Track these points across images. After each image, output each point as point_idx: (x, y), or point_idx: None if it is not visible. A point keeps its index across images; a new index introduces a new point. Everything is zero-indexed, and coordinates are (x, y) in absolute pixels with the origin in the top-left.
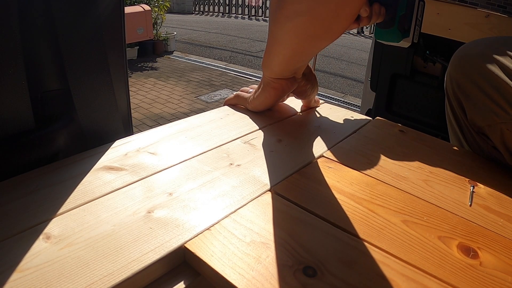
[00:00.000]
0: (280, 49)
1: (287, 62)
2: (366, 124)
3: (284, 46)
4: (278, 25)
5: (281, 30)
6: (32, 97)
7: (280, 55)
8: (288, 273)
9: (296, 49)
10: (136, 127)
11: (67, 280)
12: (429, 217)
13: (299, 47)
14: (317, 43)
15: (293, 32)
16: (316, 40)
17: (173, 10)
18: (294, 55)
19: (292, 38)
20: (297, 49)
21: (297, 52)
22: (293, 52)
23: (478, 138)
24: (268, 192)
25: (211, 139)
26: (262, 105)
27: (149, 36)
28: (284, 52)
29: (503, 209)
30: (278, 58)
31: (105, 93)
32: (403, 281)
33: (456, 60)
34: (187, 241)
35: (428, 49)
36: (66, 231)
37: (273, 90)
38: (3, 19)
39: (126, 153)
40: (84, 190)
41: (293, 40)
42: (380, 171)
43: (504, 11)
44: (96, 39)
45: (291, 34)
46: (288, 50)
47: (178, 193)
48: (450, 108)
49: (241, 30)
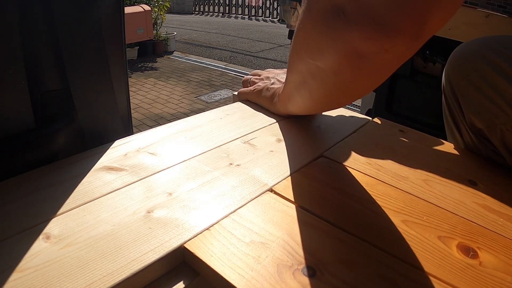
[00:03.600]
0: (298, 106)
1: (302, 112)
2: (366, 124)
3: (302, 107)
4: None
5: (302, 100)
6: (32, 97)
7: (296, 108)
8: (288, 273)
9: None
10: (136, 127)
11: (67, 280)
12: (429, 217)
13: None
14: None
15: (314, 106)
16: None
17: (173, 10)
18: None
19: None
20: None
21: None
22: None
23: (476, 140)
24: (267, 192)
25: (211, 139)
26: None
27: (149, 36)
28: (301, 109)
29: (503, 209)
30: (294, 108)
31: (105, 93)
32: (403, 281)
33: (453, 59)
34: (187, 241)
35: (428, 49)
36: (66, 231)
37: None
38: (3, 19)
39: (126, 153)
40: (84, 190)
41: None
42: (380, 171)
43: (504, 11)
44: (96, 39)
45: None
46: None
47: (178, 193)
48: (448, 109)
49: (241, 30)
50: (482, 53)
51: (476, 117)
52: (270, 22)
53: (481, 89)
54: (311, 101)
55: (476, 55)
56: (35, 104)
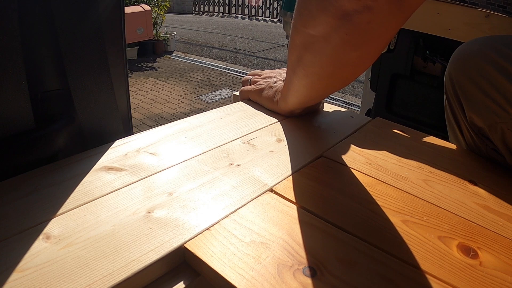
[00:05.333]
0: (297, 94)
1: (302, 102)
2: (366, 124)
3: (300, 94)
4: (297, 79)
5: (299, 83)
6: (32, 97)
7: (295, 98)
8: (288, 273)
9: (312, 96)
10: (136, 127)
11: (67, 280)
12: (429, 217)
13: (315, 96)
14: (335, 90)
15: (311, 87)
16: (333, 90)
17: (173, 10)
18: (309, 101)
19: (311, 90)
20: (313, 96)
21: (312, 99)
22: (308, 99)
23: (477, 139)
24: (268, 192)
25: (211, 139)
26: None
27: (149, 36)
28: (300, 97)
29: (503, 209)
30: (293, 99)
31: (105, 93)
32: (403, 281)
33: (455, 59)
34: (187, 241)
35: (428, 49)
36: (66, 231)
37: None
38: (3, 19)
39: (126, 153)
40: (84, 190)
41: (310, 92)
42: (380, 171)
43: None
44: (96, 39)
45: (309, 88)
46: (303, 98)
47: (178, 193)
48: (449, 107)
49: (241, 30)
50: (484, 52)
51: (477, 116)
52: (270, 22)
53: (482, 88)
54: (308, 81)
55: (477, 54)
56: (35, 104)
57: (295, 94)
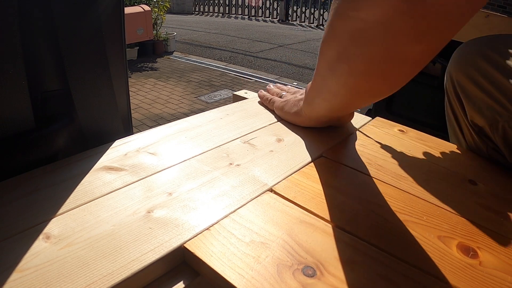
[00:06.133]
0: (330, 98)
1: (333, 111)
2: (366, 124)
3: (336, 98)
4: (335, 79)
5: (337, 83)
6: (32, 97)
7: (327, 102)
8: (288, 273)
9: (349, 102)
10: (136, 127)
11: (67, 280)
12: (429, 216)
13: (354, 101)
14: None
15: (354, 89)
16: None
17: (173, 10)
18: (344, 107)
19: (351, 94)
20: (350, 103)
21: (348, 105)
22: (344, 105)
23: (478, 139)
24: (267, 192)
25: (210, 139)
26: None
27: (149, 37)
28: (333, 102)
29: (503, 209)
30: (324, 105)
31: (105, 93)
32: (403, 281)
33: (455, 58)
34: (187, 241)
35: None
36: (66, 231)
37: (307, 122)
38: (3, 19)
39: (126, 153)
40: (84, 190)
41: (350, 95)
42: (380, 171)
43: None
44: (96, 39)
45: (351, 90)
46: (339, 103)
47: (178, 193)
48: (450, 107)
49: (241, 31)
50: (484, 52)
51: (478, 115)
52: (270, 22)
53: (483, 87)
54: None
55: (477, 53)
56: (35, 104)
57: (327, 97)
